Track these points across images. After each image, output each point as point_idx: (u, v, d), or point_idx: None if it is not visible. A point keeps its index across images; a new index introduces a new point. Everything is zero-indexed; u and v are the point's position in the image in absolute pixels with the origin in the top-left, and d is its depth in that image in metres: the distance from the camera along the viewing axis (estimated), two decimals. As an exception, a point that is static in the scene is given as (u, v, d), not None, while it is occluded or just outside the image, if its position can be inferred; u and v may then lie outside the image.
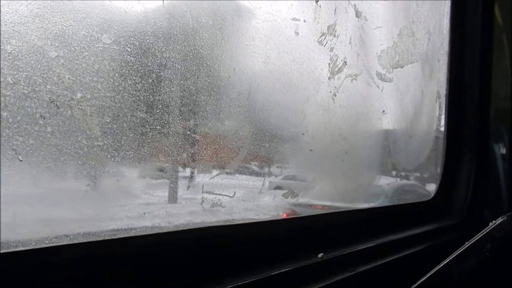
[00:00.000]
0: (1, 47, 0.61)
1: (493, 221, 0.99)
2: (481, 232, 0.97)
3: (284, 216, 1.13)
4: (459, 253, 0.92)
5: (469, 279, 0.91)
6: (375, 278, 1.17)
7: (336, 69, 1.28)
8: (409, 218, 1.67)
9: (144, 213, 0.82)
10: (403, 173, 1.91)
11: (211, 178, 0.96)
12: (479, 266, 0.91)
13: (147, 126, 0.82)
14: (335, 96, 1.29)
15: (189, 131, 0.92)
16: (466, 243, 0.96)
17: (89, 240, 0.72)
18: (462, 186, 1.99)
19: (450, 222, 1.90)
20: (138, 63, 0.79)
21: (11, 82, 0.62)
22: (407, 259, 1.33)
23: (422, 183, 2.10)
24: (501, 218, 0.98)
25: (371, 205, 1.53)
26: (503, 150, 2.08)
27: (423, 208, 1.89)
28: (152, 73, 0.82)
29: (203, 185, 0.94)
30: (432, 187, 2.02)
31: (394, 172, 1.83)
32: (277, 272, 0.93)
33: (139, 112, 0.80)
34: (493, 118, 2.05)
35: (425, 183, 2.11)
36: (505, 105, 2.11)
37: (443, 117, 1.97)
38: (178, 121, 0.89)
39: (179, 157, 0.93)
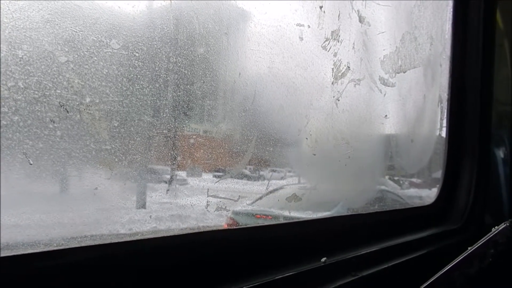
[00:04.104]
0: (13, 53, 0.62)
1: (496, 227, 0.99)
2: (484, 237, 0.97)
3: (225, 226, 1.01)
4: (461, 259, 0.93)
5: (472, 285, 0.92)
6: (377, 283, 1.17)
7: (340, 74, 1.29)
8: (411, 223, 1.67)
9: (150, 216, 0.83)
10: (404, 177, 1.92)
11: (215, 182, 0.97)
12: (482, 272, 0.92)
13: (153, 129, 0.83)
14: (338, 100, 1.30)
15: (195, 135, 0.93)
16: (469, 248, 0.97)
17: (96, 243, 0.72)
18: (463, 190, 2.00)
19: (451, 227, 1.90)
20: (146, 67, 0.80)
21: (22, 86, 0.63)
22: (409, 264, 1.34)
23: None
24: (504, 224, 0.99)
25: (374, 209, 1.54)
26: (504, 155, 2.08)
27: (424, 212, 1.89)
28: (159, 77, 0.83)
29: (208, 189, 0.95)
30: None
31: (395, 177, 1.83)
32: (280, 276, 0.94)
33: (146, 116, 0.80)
34: (494, 122, 2.06)
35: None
36: (506, 110, 2.12)
37: (444, 121, 1.98)
38: (184, 125, 0.90)
39: (183, 160, 0.93)
